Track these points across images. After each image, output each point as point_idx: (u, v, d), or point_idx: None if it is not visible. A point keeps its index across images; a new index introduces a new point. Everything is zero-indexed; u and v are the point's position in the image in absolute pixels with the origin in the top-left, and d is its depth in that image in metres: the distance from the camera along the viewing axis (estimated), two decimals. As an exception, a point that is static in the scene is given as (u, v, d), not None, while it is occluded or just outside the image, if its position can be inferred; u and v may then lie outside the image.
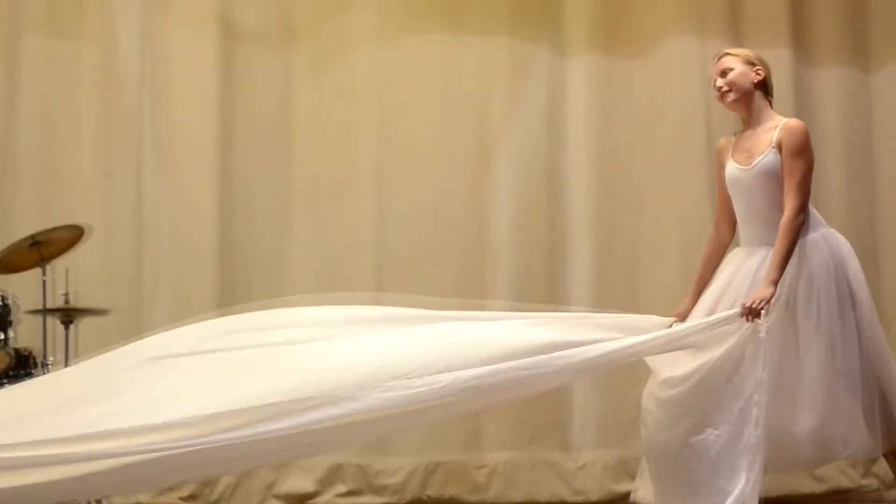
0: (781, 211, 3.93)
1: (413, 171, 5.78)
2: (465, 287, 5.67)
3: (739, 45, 5.83)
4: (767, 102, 4.17)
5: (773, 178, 4.00)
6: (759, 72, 4.15)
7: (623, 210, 5.87)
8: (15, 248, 5.05)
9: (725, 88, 4.14)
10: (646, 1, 5.94)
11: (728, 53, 4.23)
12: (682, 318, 4.12)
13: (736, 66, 4.14)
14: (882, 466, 5.64)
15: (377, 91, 5.79)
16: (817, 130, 5.77)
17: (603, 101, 5.89)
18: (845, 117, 6.01)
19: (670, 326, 4.02)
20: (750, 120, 4.15)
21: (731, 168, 4.11)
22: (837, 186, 5.90)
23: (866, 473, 5.79)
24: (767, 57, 5.75)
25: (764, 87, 4.17)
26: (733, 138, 4.20)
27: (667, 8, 5.93)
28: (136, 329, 5.33)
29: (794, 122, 4.09)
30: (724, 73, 4.15)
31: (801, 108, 5.87)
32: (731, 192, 4.13)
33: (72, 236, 5.11)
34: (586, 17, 5.90)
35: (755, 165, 4.03)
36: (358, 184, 5.75)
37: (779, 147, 4.01)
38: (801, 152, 3.98)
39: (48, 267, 5.09)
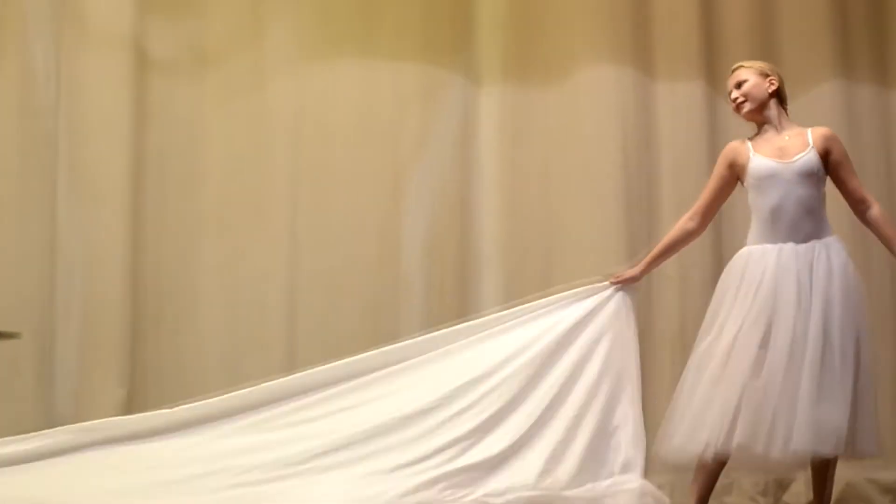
0: (818, 208, 4.18)
1: (326, 197, 5.77)
2: (377, 313, 5.70)
3: (653, 76, 5.93)
4: (784, 111, 4.36)
5: (814, 176, 4.19)
6: (773, 82, 4.32)
7: (535, 237, 5.88)
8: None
9: (741, 99, 4.32)
10: (559, 30, 5.95)
11: (742, 66, 4.39)
12: (623, 282, 4.45)
13: (750, 77, 4.32)
14: (792, 494, 5.69)
15: (290, 117, 5.79)
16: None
17: (516, 128, 5.90)
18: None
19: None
20: (771, 127, 4.31)
21: (765, 161, 4.21)
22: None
23: (776, 502, 5.81)
24: (681, 89, 5.95)
25: (778, 96, 4.33)
26: (748, 142, 4.32)
27: (580, 37, 5.94)
28: (48, 352, 5.40)
29: (828, 130, 4.32)
30: (738, 86, 4.32)
31: (715, 138, 5.89)
32: (759, 186, 4.21)
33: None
34: (499, 45, 5.91)
35: (796, 161, 4.18)
36: (270, 210, 5.74)
37: (822, 153, 4.22)
38: (847, 155, 4.30)
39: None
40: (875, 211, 4.32)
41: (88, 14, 5.65)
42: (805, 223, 4.19)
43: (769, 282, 4.11)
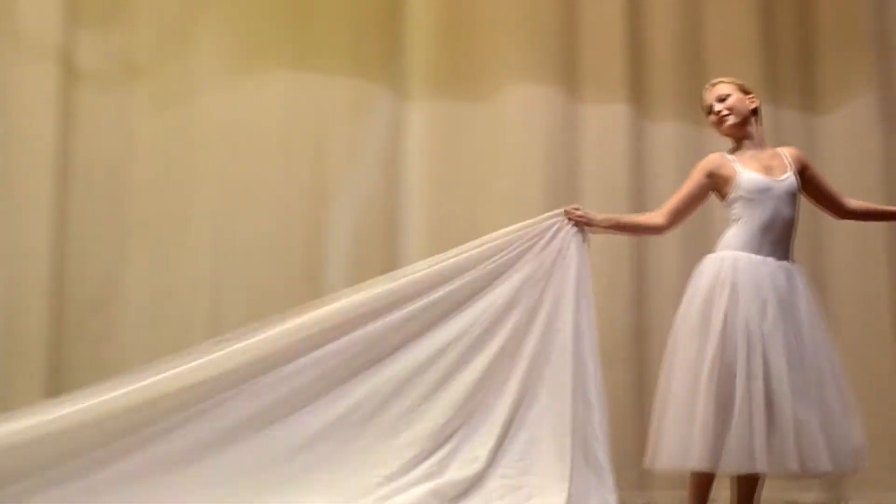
0: (793, 231, 4.29)
1: (252, 209, 5.80)
2: (302, 326, 5.74)
3: (579, 98, 5.97)
4: (760, 129, 4.42)
5: (795, 197, 4.29)
6: (753, 100, 4.40)
7: (460, 252, 5.92)
8: None
9: (725, 112, 4.35)
10: (487, 47, 6.00)
11: (721, 81, 4.45)
12: (578, 218, 4.38)
13: (732, 92, 4.39)
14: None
15: (218, 129, 5.81)
16: (653, 185, 5.89)
17: (443, 144, 5.95)
18: (683, 170, 6.01)
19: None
20: (751, 143, 4.37)
21: (757, 176, 4.27)
22: (672, 239, 5.92)
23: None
24: (606, 111, 6.00)
25: (755, 114, 4.40)
26: (729, 156, 4.37)
27: (508, 55, 5.99)
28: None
29: (795, 149, 4.47)
30: (721, 99, 4.36)
31: (638, 161, 6.00)
32: (753, 199, 4.24)
33: None
34: (428, 60, 5.96)
35: (784, 180, 4.27)
36: (197, 221, 5.76)
37: (799, 171, 4.34)
38: None
39: None
40: (853, 200, 4.56)
41: (19, 25, 5.66)
42: (785, 242, 4.27)
43: (762, 291, 4.14)
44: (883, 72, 6.25)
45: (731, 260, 4.20)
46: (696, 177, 4.38)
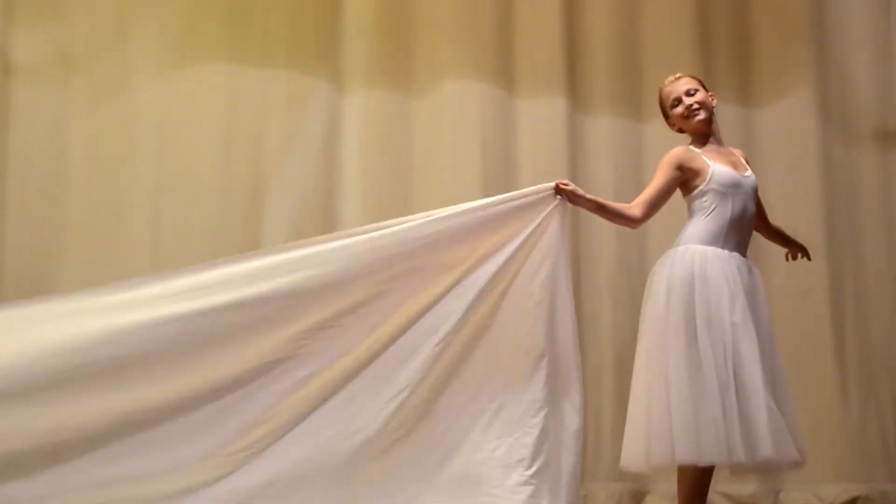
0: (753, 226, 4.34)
1: (189, 202, 5.81)
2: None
3: (517, 93, 5.99)
4: (717, 126, 4.45)
5: (756, 194, 4.37)
6: (713, 97, 4.42)
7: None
8: None
9: (696, 107, 4.34)
10: (423, 42, 6.03)
11: (684, 76, 4.46)
12: (569, 193, 4.29)
13: (699, 87, 4.39)
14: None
15: (155, 123, 5.82)
16: (590, 179, 5.91)
17: (379, 137, 5.97)
18: (618, 166, 6.10)
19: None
20: (713, 139, 4.40)
21: (729, 171, 4.30)
22: (608, 235, 5.96)
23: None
24: (543, 105, 6.02)
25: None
26: (695, 149, 4.37)
27: (445, 49, 6.02)
28: None
29: (742, 151, 4.55)
30: (689, 93, 4.37)
31: (575, 156, 6.03)
32: (725, 193, 4.26)
33: None
34: (365, 53, 5.98)
35: (750, 176, 4.35)
36: (133, 215, 5.77)
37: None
38: None
39: None
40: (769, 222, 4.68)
41: (-49, 18, 5.67)
42: (747, 238, 4.32)
43: (731, 285, 4.15)
44: (820, 65, 6.28)
45: (701, 254, 4.21)
46: (666, 170, 4.35)
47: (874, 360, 6.08)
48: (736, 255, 4.23)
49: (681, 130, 4.50)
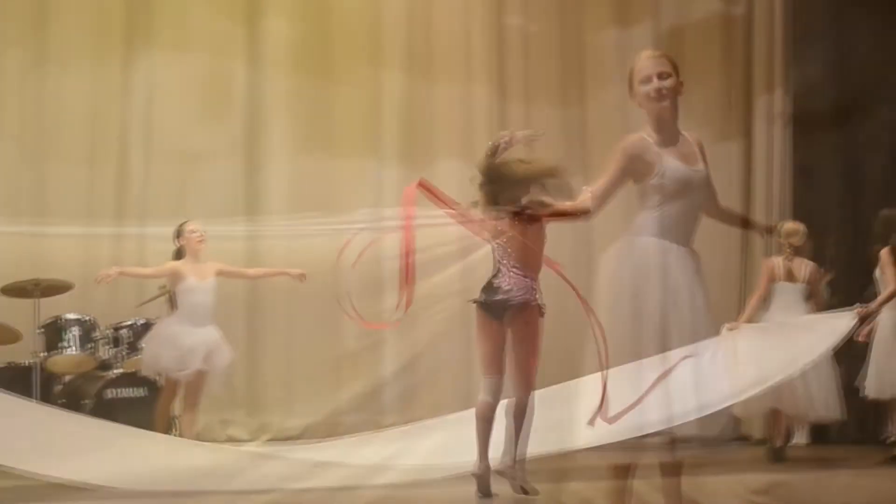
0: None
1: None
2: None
3: (432, 80, 6.09)
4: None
5: (708, 187, 4.15)
6: (682, 84, 4.11)
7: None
8: None
9: (665, 93, 4.05)
10: (339, 31, 6.17)
11: (664, 56, 4.14)
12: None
13: (672, 73, 4.05)
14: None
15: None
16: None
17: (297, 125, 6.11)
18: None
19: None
20: (671, 126, 4.10)
21: (678, 165, 4.06)
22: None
23: None
24: (464, 92, 6.07)
25: None
26: (649, 138, 4.09)
27: (359, 39, 6.16)
28: None
29: (696, 135, 4.22)
30: (661, 76, 4.08)
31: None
32: (673, 189, 4.06)
33: None
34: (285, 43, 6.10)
35: (700, 170, 4.08)
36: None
37: (703, 160, 4.09)
38: None
39: None
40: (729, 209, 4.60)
41: None
42: (693, 229, 4.18)
43: (675, 277, 4.05)
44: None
45: (654, 246, 4.10)
46: (621, 163, 4.16)
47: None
48: (682, 247, 4.11)
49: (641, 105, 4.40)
